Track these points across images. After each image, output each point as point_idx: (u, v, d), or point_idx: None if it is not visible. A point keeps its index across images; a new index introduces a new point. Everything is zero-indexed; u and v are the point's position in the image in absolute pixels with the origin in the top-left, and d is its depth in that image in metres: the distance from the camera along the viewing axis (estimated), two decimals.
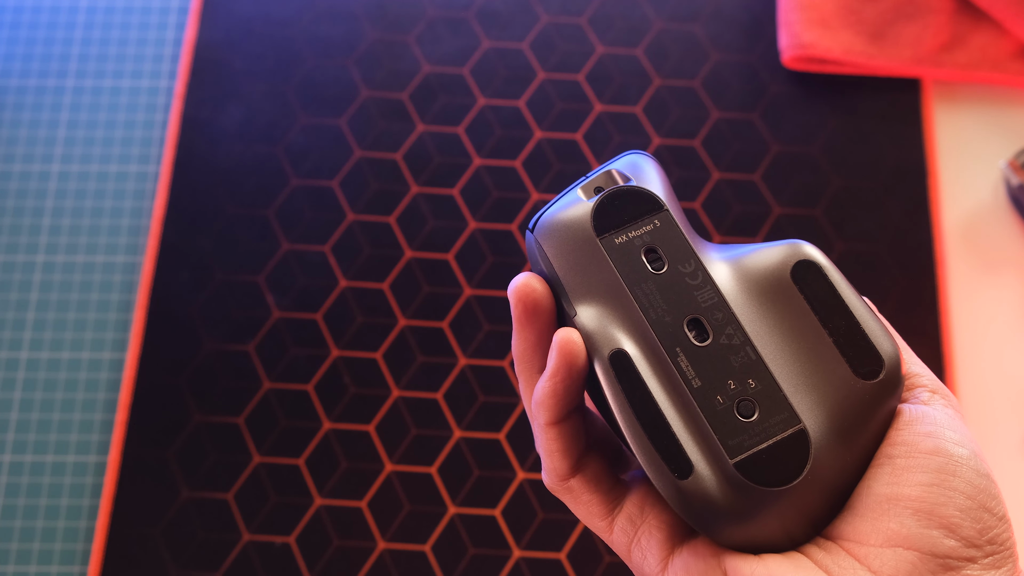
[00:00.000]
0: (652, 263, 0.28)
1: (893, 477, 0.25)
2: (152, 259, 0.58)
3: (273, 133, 0.61)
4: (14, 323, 0.58)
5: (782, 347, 0.26)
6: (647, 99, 0.62)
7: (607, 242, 0.28)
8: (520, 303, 0.28)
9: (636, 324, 0.27)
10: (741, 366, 0.26)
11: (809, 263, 0.27)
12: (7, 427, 0.56)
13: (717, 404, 0.26)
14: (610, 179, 0.29)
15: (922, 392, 0.27)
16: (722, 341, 0.26)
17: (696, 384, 0.26)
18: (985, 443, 0.55)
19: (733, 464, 0.25)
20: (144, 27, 0.64)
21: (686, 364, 0.26)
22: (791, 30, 0.61)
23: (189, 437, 0.55)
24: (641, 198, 0.28)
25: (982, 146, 0.61)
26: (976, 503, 0.24)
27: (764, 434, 0.25)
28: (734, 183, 0.60)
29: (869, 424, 0.26)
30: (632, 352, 0.26)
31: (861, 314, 0.27)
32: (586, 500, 0.29)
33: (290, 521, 0.53)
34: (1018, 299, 0.58)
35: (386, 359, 0.56)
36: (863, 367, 0.26)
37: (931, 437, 0.25)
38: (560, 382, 0.27)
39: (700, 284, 0.27)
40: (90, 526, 0.54)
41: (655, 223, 0.28)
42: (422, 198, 0.60)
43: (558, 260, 0.28)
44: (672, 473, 0.25)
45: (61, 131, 0.62)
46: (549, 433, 0.28)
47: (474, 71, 0.62)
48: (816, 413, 0.26)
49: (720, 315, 0.27)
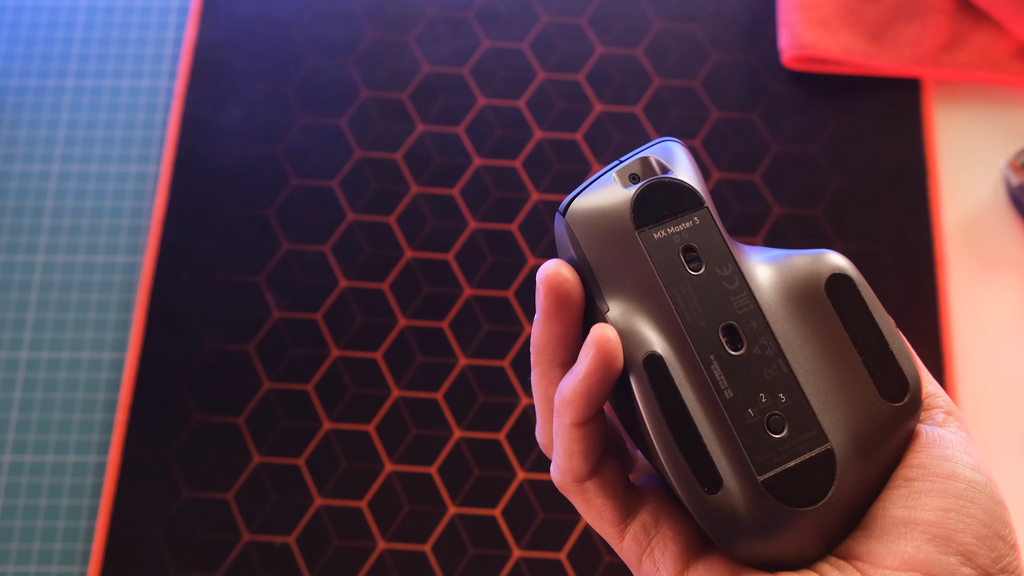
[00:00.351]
0: (690, 263, 0.27)
1: (910, 500, 0.25)
2: (152, 259, 0.58)
3: (273, 133, 0.61)
4: (14, 323, 0.58)
5: (813, 362, 0.26)
6: (647, 99, 0.62)
7: (646, 236, 0.27)
8: (552, 292, 0.27)
9: (672, 327, 0.26)
10: (773, 379, 0.26)
11: (844, 276, 0.27)
12: (7, 427, 0.56)
13: (748, 417, 0.25)
14: (647, 167, 0.28)
15: (938, 414, 0.27)
16: (756, 351, 0.26)
17: (728, 395, 0.25)
18: (985, 443, 0.55)
19: (762, 482, 0.25)
20: (144, 27, 0.64)
21: (719, 373, 0.25)
22: (791, 30, 0.61)
23: (189, 437, 0.55)
24: (682, 193, 0.27)
25: (982, 146, 0.61)
26: (992, 531, 0.24)
27: (792, 452, 0.25)
28: (734, 183, 0.60)
29: (889, 446, 0.26)
30: (666, 356, 0.26)
31: (889, 334, 0.26)
32: (599, 504, 0.28)
33: (290, 521, 0.53)
34: (1018, 299, 0.58)
35: (386, 359, 0.56)
36: (889, 389, 0.26)
37: (948, 461, 0.25)
38: (596, 383, 0.26)
39: (736, 289, 0.26)
40: (90, 526, 0.54)
41: (695, 220, 0.27)
42: (422, 198, 0.60)
43: (592, 250, 0.27)
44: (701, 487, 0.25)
45: (61, 131, 0.62)
46: (574, 434, 0.27)
47: (474, 71, 0.62)
48: (842, 432, 0.25)
49: (755, 324, 0.26)
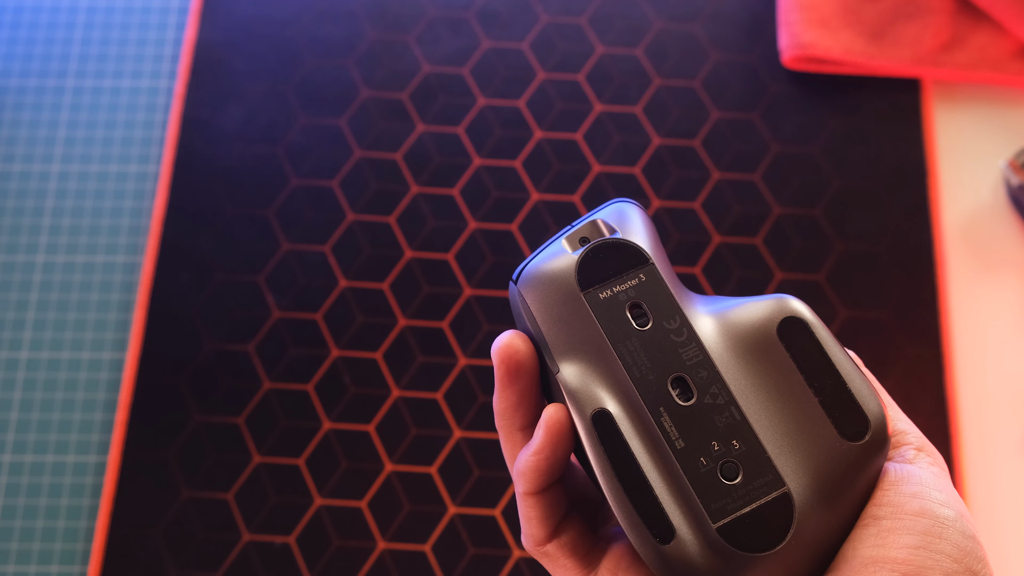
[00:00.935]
0: (637, 319, 0.27)
1: (879, 539, 0.25)
2: (152, 259, 0.58)
3: (273, 133, 0.61)
4: (14, 323, 0.58)
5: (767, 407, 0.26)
6: (647, 99, 0.62)
7: (591, 297, 0.27)
8: (503, 363, 0.28)
9: (619, 382, 0.26)
10: (725, 427, 0.26)
11: (796, 320, 0.27)
12: (7, 427, 0.56)
13: (700, 466, 0.25)
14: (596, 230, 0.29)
15: (907, 450, 0.27)
16: (706, 401, 0.26)
17: (680, 445, 0.26)
18: (985, 443, 0.55)
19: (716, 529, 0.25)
20: (144, 27, 0.64)
21: (670, 424, 0.26)
22: (791, 30, 0.61)
23: (189, 437, 0.55)
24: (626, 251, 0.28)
25: (982, 146, 0.61)
26: (962, 566, 0.24)
27: (747, 497, 0.25)
28: (734, 183, 0.60)
29: (854, 485, 0.25)
30: (615, 412, 0.26)
31: (848, 372, 0.26)
32: (562, 564, 0.29)
33: (290, 521, 0.53)
34: (1018, 299, 0.58)
35: (386, 359, 0.56)
36: (849, 428, 0.26)
37: (917, 498, 0.25)
38: (544, 459, 0.27)
39: (685, 341, 0.27)
40: (90, 526, 0.54)
41: (640, 277, 0.28)
42: (422, 198, 0.60)
43: (541, 314, 0.28)
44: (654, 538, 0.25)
45: (61, 131, 0.62)
46: (528, 502, 0.28)
47: (474, 71, 0.62)
48: (800, 475, 0.25)
49: (705, 373, 0.26)
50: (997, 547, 0.53)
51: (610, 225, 0.29)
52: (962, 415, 0.55)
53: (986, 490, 0.54)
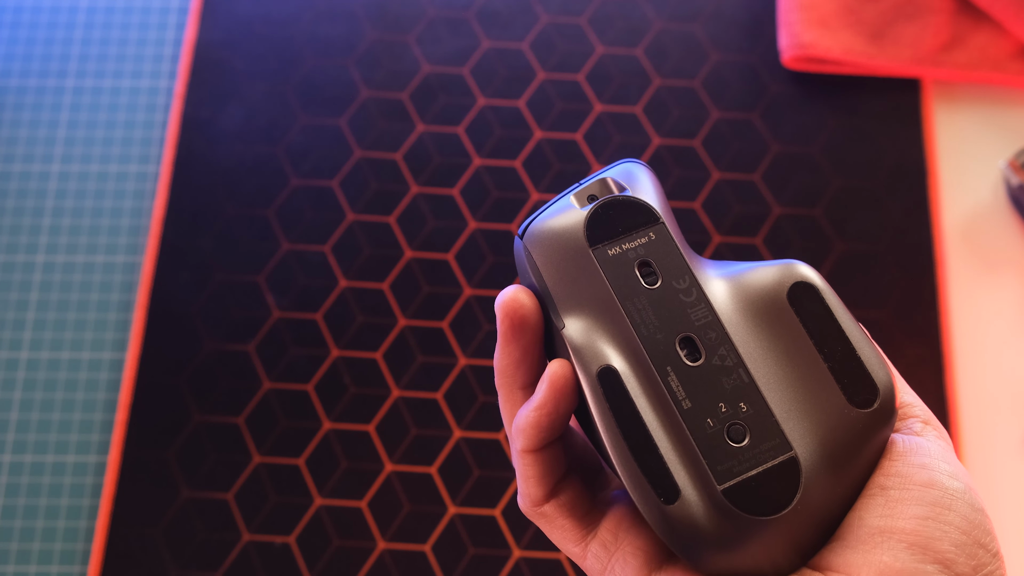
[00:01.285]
0: (645, 277, 0.27)
1: (887, 509, 0.25)
2: (152, 259, 0.58)
3: (273, 133, 0.61)
4: (14, 323, 0.58)
5: (775, 371, 0.26)
6: (647, 99, 0.62)
7: (600, 253, 0.27)
8: (507, 318, 0.27)
9: (627, 340, 0.26)
10: (733, 389, 0.25)
11: (807, 285, 0.27)
12: (7, 427, 0.56)
13: (707, 427, 0.25)
14: (605, 187, 0.28)
15: (915, 423, 0.27)
16: (714, 362, 0.26)
17: (686, 405, 0.25)
18: (985, 443, 0.55)
19: (721, 490, 0.24)
20: (144, 27, 0.64)
21: (677, 384, 0.26)
22: (791, 30, 0.61)
23: (189, 437, 0.55)
24: (637, 209, 0.28)
25: (982, 146, 0.61)
26: (971, 538, 0.24)
27: (754, 460, 0.25)
28: (734, 183, 0.60)
29: (862, 453, 0.25)
30: (621, 369, 0.26)
31: (857, 340, 0.26)
32: (560, 525, 0.28)
33: (290, 521, 0.53)
34: (1018, 299, 0.58)
35: (386, 359, 0.56)
36: (858, 395, 0.25)
37: (925, 469, 0.25)
38: (546, 415, 0.26)
39: (694, 301, 0.27)
40: (90, 526, 0.54)
41: (650, 236, 0.27)
42: (422, 198, 0.60)
43: (547, 270, 0.27)
44: (658, 497, 0.25)
45: (61, 131, 0.62)
46: (526, 459, 0.27)
47: (474, 71, 0.62)
48: (808, 440, 0.25)
49: (713, 335, 0.26)
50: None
51: (619, 183, 0.29)
52: (962, 415, 0.55)
53: (986, 490, 0.54)
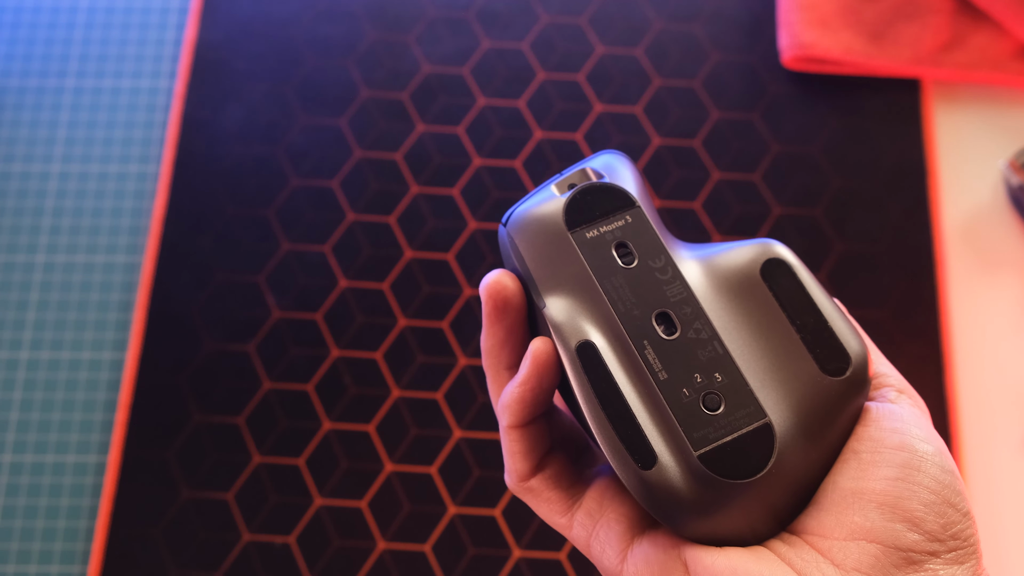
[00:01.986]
0: (622, 257, 0.28)
1: (858, 472, 0.25)
2: (152, 259, 0.58)
3: (273, 133, 0.61)
4: (14, 323, 0.58)
5: (750, 343, 0.27)
6: (647, 99, 0.62)
7: (578, 236, 0.28)
8: (491, 299, 0.29)
9: (604, 316, 0.27)
10: (708, 360, 0.26)
11: (779, 261, 0.28)
12: (7, 427, 0.56)
13: (683, 396, 0.26)
14: (584, 177, 0.30)
15: (889, 391, 0.28)
16: (690, 335, 0.27)
17: (663, 377, 0.26)
18: (985, 443, 0.55)
19: (697, 456, 0.25)
20: (144, 27, 0.64)
21: (653, 357, 0.26)
22: (791, 30, 0.61)
23: (189, 437, 0.55)
24: (613, 194, 0.29)
25: (982, 146, 0.61)
26: (940, 498, 0.24)
27: (729, 427, 0.26)
28: (734, 183, 0.60)
29: (835, 421, 0.26)
30: (600, 344, 0.27)
31: (829, 312, 0.27)
32: (546, 498, 0.29)
33: (290, 521, 0.53)
34: (1018, 299, 0.58)
35: (386, 359, 0.56)
36: (830, 364, 0.26)
37: (897, 433, 0.26)
38: (530, 390, 0.28)
39: (670, 279, 0.28)
40: (90, 526, 0.54)
41: (627, 219, 0.29)
42: (422, 198, 0.60)
43: (529, 253, 0.29)
44: (636, 463, 0.26)
45: (61, 131, 0.62)
46: (512, 435, 0.29)
47: (474, 71, 0.62)
48: (782, 408, 0.26)
49: (688, 310, 0.27)
50: (997, 546, 0.53)
51: (598, 172, 0.30)
52: (962, 415, 0.55)
53: (986, 490, 0.54)
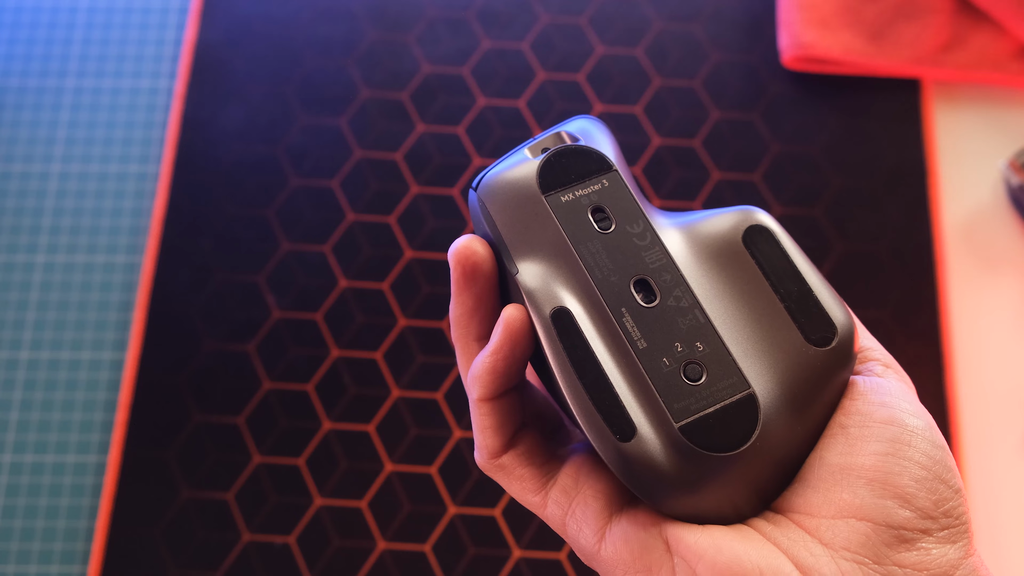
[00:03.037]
0: (599, 222, 0.27)
1: (846, 447, 0.24)
2: (152, 259, 0.58)
3: (273, 133, 0.61)
4: (14, 323, 0.58)
5: (732, 311, 0.26)
6: (647, 99, 0.62)
7: (553, 200, 0.27)
8: (459, 265, 0.27)
9: (580, 283, 0.26)
10: (689, 329, 0.25)
11: (761, 228, 0.27)
12: (7, 427, 0.56)
13: (663, 366, 0.25)
14: (559, 140, 0.29)
15: (875, 366, 0.27)
16: (670, 303, 0.26)
17: (642, 345, 0.25)
18: (985, 443, 0.55)
19: (678, 428, 0.24)
20: (144, 27, 0.64)
21: (631, 325, 0.25)
22: (791, 30, 0.61)
23: (189, 437, 0.55)
24: (590, 157, 0.28)
25: (982, 146, 0.61)
26: (931, 474, 0.24)
27: (711, 398, 0.24)
28: (734, 183, 0.60)
29: (821, 392, 0.25)
30: (575, 310, 0.26)
31: (814, 281, 0.26)
32: (519, 475, 0.28)
33: (290, 521, 0.53)
34: (1018, 299, 0.58)
35: (386, 359, 0.56)
36: (815, 334, 0.25)
37: (885, 407, 0.25)
38: (502, 359, 0.26)
39: (648, 245, 0.26)
40: (90, 526, 0.54)
41: (603, 183, 0.27)
42: (422, 198, 0.60)
43: (501, 218, 0.27)
44: (614, 435, 0.24)
45: (61, 131, 0.62)
46: (482, 408, 0.27)
47: (474, 71, 0.62)
48: (766, 379, 0.25)
49: (668, 277, 0.26)
50: (997, 547, 0.53)
51: (573, 136, 0.29)
52: (962, 415, 0.55)
53: (986, 490, 0.54)
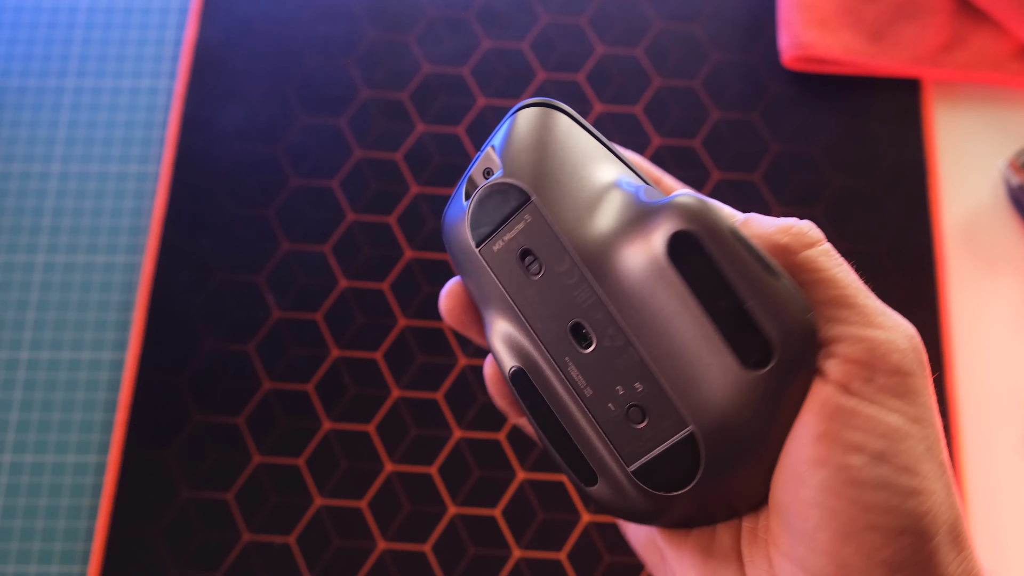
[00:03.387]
0: (529, 267, 0.27)
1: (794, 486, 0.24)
2: (152, 259, 0.58)
3: (273, 133, 0.61)
4: (14, 323, 0.58)
5: (664, 343, 0.25)
6: (647, 99, 0.62)
7: (486, 252, 0.27)
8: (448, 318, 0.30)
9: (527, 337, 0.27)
10: (626, 369, 0.25)
11: (685, 235, 0.24)
12: (7, 427, 0.56)
13: (609, 412, 0.26)
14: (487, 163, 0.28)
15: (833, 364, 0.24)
16: (605, 344, 0.26)
17: (588, 393, 0.26)
18: (985, 443, 0.55)
19: (631, 471, 0.25)
20: (144, 27, 0.64)
21: (576, 374, 0.26)
22: (791, 30, 0.61)
23: (189, 437, 0.55)
24: (508, 194, 0.27)
25: (982, 146, 0.61)
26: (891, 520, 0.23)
27: (655, 440, 0.25)
28: (734, 183, 0.60)
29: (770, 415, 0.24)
30: (528, 368, 0.27)
31: (745, 290, 0.23)
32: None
33: (290, 521, 0.53)
34: (1018, 299, 0.58)
35: (386, 359, 0.56)
36: (750, 356, 0.24)
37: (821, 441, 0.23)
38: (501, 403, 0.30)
39: (576, 284, 0.26)
40: (90, 526, 0.54)
41: (526, 219, 0.27)
42: (422, 198, 0.60)
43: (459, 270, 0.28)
44: (581, 481, 0.26)
45: (61, 131, 0.62)
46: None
47: (474, 71, 0.62)
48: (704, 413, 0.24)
49: (600, 315, 0.26)
50: (997, 547, 0.53)
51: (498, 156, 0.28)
52: (962, 415, 0.55)
53: (986, 490, 0.54)
